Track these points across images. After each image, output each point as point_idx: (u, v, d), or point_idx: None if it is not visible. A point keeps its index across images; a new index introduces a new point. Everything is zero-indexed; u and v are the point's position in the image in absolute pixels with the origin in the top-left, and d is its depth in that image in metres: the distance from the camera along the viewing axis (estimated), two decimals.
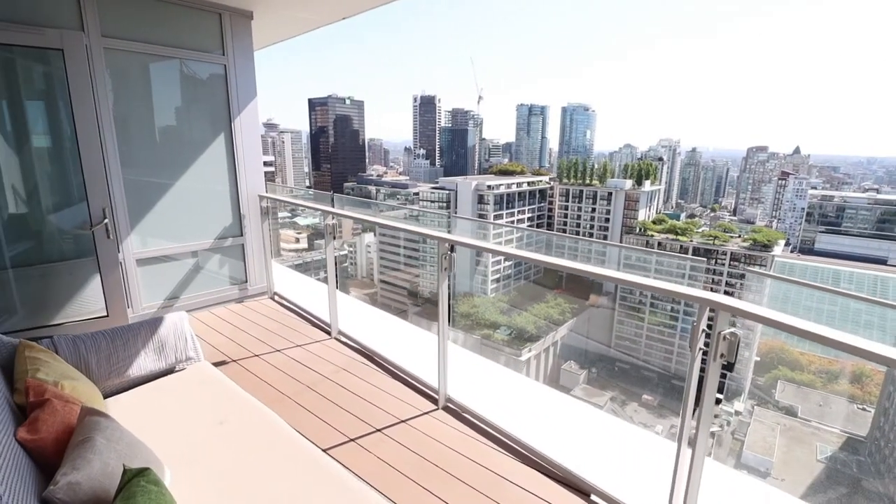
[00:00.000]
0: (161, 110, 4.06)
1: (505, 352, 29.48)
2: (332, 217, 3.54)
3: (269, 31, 5.06)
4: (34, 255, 3.60)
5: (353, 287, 46.55)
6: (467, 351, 3.61)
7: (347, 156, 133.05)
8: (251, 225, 4.66)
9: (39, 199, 3.62)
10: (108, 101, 3.68)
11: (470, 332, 31.17)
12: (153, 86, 3.99)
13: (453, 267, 2.47)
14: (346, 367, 3.24)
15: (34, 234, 3.61)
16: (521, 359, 28.77)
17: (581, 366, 30.20)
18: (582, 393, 27.41)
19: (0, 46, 3.22)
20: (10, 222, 3.48)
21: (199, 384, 2.32)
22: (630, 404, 28.27)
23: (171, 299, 4.29)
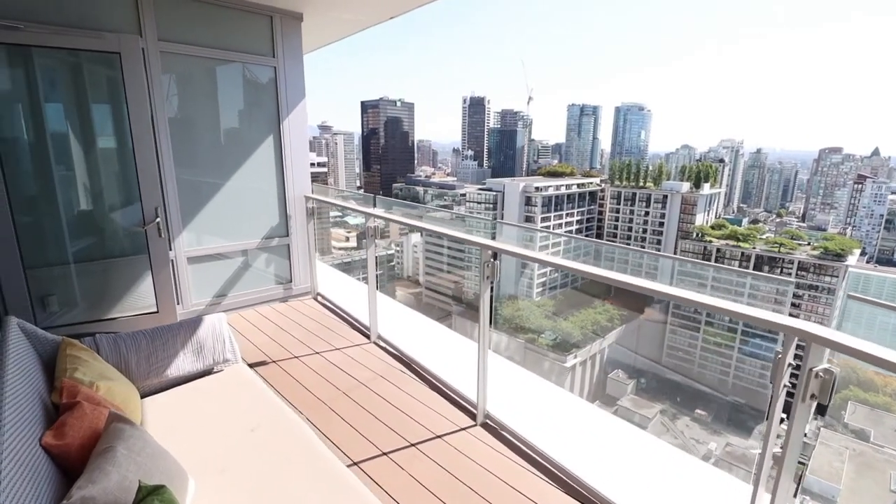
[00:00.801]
0: (213, 112, 4.14)
1: (549, 357, 28.82)
2: (373, 220, 3.47)
3: (319, 33, 5.09)
4: (95, 251, 3.75)
5: (399, 286, 47.10)
6: (509, 362, 3.44)
7: (397, 157, 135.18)
8: (297, 225, 4.69)
9: (100, 197, 3.77)
10: (164, 103, 3.79)
11: (514, 335, 30.71)
12: (206, 88, 4.07)
13: (497, 275, 2.32)
14: (384, 373, 3.16)
15: (95, 230, 3.76)
16: (566, 364, 28.03)
17: (629, 375, 29.06)
18: (630, 403, 26.35)
19: (68, 51, 3.38)
20: (73, 219, 3.63)
21: (234, 387, 2.29)
22: (682, 418, 26.92)
23: (219, 297, 4.38)
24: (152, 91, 3.69)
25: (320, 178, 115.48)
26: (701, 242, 45.59)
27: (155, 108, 3.73)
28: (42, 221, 3.50)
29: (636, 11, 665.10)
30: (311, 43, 5.62)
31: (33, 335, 1.98)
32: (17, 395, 1.46)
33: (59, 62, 3.49)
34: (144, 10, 3.59)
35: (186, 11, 3.80)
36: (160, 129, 3.79)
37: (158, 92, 3.73)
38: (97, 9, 3.44)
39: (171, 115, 3.86)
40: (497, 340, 27.56)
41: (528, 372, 3.30)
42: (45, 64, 3.42)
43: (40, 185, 3.50)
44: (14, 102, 3.36)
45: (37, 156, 3.44)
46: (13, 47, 3.21)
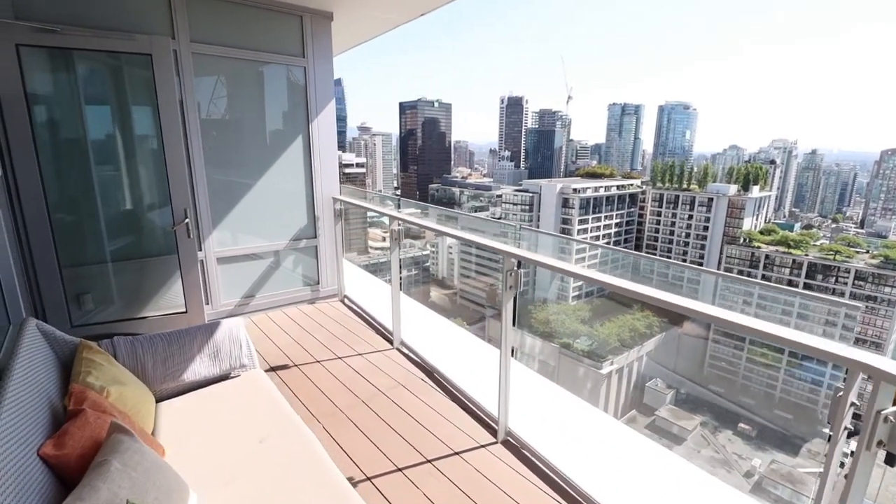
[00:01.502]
0: (243, 113, 4.16)
1: (584, 363, 28.16)
2: (396, 223, 3.38)
3: (349, 33, 5.06)
4: (128, 251, 3.83)
5: (434, 287, 47.25)
6: (535, 374, 3.28)
7: (434, 157, 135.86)
8: (325, 227, 4.67)
9: (134, 197, 3.84)
10: (195, 104, 3.83)
11: (548, 339, 30.17)
12: (236, 89, 4.10)
13: (520, 285, 2.17)
14: (405, 382, 3.06)
15: (129, 230, 3.83)
16: (601, 371, 27.33)
17: (668, 385, 28.01)
18: (668, 414, 25.41)
19: (107, 54, 3.45)
20: (108, 219, 3.71)
21: (249, 394, 2.25)
22: (723, 432, 25.74)
23: (247, 298, 4.40)
24: (184, 92, 3.74)
25: (359, 178, 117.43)
26: (748, 248, 43.54)
27: (187, 109, 3.78)
28: (77, 221, 3.59)
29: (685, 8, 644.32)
30: (342, 43, 5.62)
31: (52, 337, 1.99)
32: (20, 401, 1.44)
33: (99, 64, 3.57)
34: (177, 12, 3.63)
35: (218, 13, 3.83)
36: (191, 129, 3.83)
37: (190, 93, 3.77)
38: (132, 12, 3.51)
39: (202, 117, 3.90)
40: (531, 344, 27.18)
41: (555, 385, 3.13)
42: (85, 66, 3.51)
43: (77, 185, 3.60)
44: (55, 104, 3.46)
45: (75, 156, 3.54)
46: (54, 50, 3.31)
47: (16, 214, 3.28)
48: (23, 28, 3.05)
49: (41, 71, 3.29)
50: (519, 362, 3.21)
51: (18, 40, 3.05)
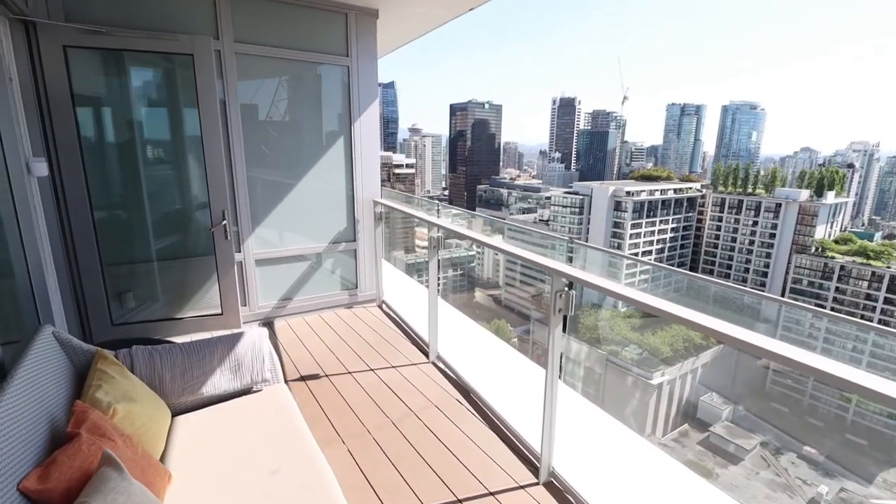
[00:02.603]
0: (285, 113, 4.08)
1: (633, 372, 26.98)
2: (436, 229, 3.17)
3: (395, 31, 4.90)
4: (170, 251, 3.83)
5: (479, 287, 46.93)
6: (583, 400, 2.95)
7: (482, 159, 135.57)
8: (364, 230, 4.53)
9: (176, 198, 3.84)
10: (237, 105, 3.77)
11: (595, 346, 29.15)
12: (279, 89, 4.02)
13: (571, 308, 1.89)
14: (439, 402, 2.83)
15: (171, 231, 3.83)
16: (651, 382, 26.09)
17: (725, 400, 26.31)
18: (724, 431, 23.85)
19: (160, 55, 3.44)
20: (150, 219, 3.72)
21: (268, 413, 2.09)
22: (786, 454, 23.88)
23: (285, 300, 4.33)
24: (227, 92, 3.69)
25: (408, 179, 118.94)
26: (821, 258, 40.33)
27: (229, 109, 3.73)
28: (119, 220, 3.61)
29: (751, 5, 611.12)
30: (388, 43, 5.48)
31: (69, 345, 1.90)
32: (12, 421, 1.32)
33: (145, 65, 3.58)
34: (222, 12, 3.59)
35: (262, 12, 3.76)
36: (233, 130, 3.77)
37: (233, 93, 3.72)
38: (178, 12, 3.48)
39: (244, 117, 3.84)
40: (577, 349, 26.29)
41: (607, 415, 2.80)
42: (131, 67, 3.52)
43: (119, 185, 3.62)
44: (99, 105, 3.49)
45: (117, 156, 3.56)
46: (100, 51, 3.33)
47: (61, 214, 3.32)
48: (70, 30, 3.07)
49: (87, 72, 3.32)
50: (565, 384, 2.91)
51: (66, 42, 3.07)
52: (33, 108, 3.11)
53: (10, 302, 2.29)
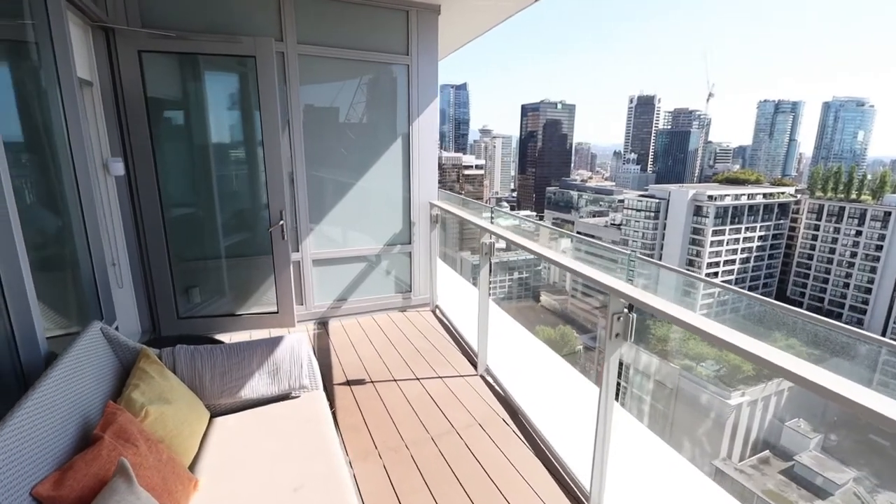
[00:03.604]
0: (345, 114, 4.08)
1: (709, 390, 25.05)
2: (489, 236, 2.99)
3: (459, 28, 4.77)
4: (236, 248, 3.94)
5: (544, 291, 45.88)
6: (644, 429, 2.65)
7: (553, 160, 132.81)
8: (420, 233, 4.45)
9: (240, 197, 3.95)
10: (300, 106, 3.81)
11: (667, 359, 27.43)
12: (339, 89, 4.02)
13: (631, 334, 1.65)
14: (483, 420, 2.65)
15: (237, 229, 3.94)
16: (729, 402, 24.09)
17: (815, 427, 23.67)
18: (811, 462, 21.44)
19: (226, 57, 3.54)
20: (219, 217, 3.85)
21: (302, 422, 2.02)
22: (884, 493, 21.07)
23: (340, 301, 4.34)
24: (289, 94, 3.74)
25: (477, 180, 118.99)
26: None
27: (291, 111, 3.77)
28: (187, 218, 3.77)
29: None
30: (451, 42, 5.37)
31: (116, 342, 1.94)
32: (38, 420, 1.32)
33: (219, 68, 3.69)
34: (286, 14, 3.63)
35: (324, 12, 3.77)
36: (295, 131, 3.82)
37: (295, 94, 3.76)
38: (246, 16, 3.57)
39: (305, 118, 3.87)
40: (647, 362, 24.88)
41: (670, 449, 2.49)
42: (209, 71, 3.66)
43: (186, 184, 3.77)
44: (177, 107, 3.66)
45: (185, 156, 3.71)
46: (183, 56, 3.48)
47: (135, 211, 3.50)
48: (143, 35, 3.22)
49: (163, 75, 3.47)
50: (627, 410, 2.62)
51: (140, 46, 3.22)
52: (112, 111, 3.31)
53: (74, 295, 2.40)
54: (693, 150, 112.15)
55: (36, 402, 1.35)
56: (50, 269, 2.30)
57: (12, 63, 2.17)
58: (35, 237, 2.18)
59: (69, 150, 2.29)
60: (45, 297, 2.16)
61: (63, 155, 2.28)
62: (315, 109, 3.94)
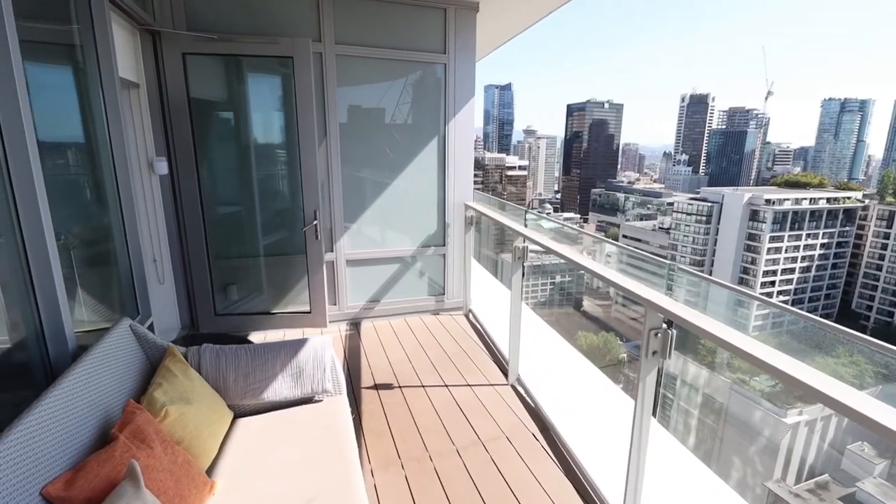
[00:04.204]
0: (381, 114, 4.06)
1: (762, 406, 23.62)
2: (522, 239, 2.86)
3: (499, 23, 4.66)
4: (273, 248, 3.99)
5: (587, 296, 44.78)
6: (684, 450, 2.45)
7: (599, 161, 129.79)
8: (455, 235, 4.37)
9: (277, 197, 3.99)
10: (336, 107, 3.82)
11: (716, 371, 26.09)
12: (376, 89, 4.00)
13: (669, 352, 1.50)
14: (511, 433, 2.54)
15: (274, 228, 3.98)
16: (785, 420, 22.62)
17: (880, 453, 21.84)
18: (875, 489, 19.76)
19: (274, 60, 3.57)
20: (257, 216, 3.91)
21: (322, 428, 1.98)
22: None
23: (372, 302, 4.32)
24: (327, 94, 3.75)
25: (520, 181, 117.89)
26: None
27: (328, 111, 3.78)
28: (227, 217, 3.84)
29: None
30: (490, 40, 5.27)
31: (144, 340, 1.97)
32: (55, 418, 1.32)
33: (262, 69, 3.74)
34: (324, 14, 3.64)
35: (362, 12, 3.75)
36: (331, 132, 3.83)
37: (332, 95, 3.77)
38: (287, 17, 3.60)
39: (342, 118, 3.88)
40: (695, 374, 23.77)
41: (715, 477, 2.29)
42: (252, 72, 3.72)
43: (225, 183, 3.85)
44: (219, 108, 3.74)
45: (225, 156, 3.79)
46: (229, 58, 3.55)
47: (178, 209, 3.60)
48: (187, 37, 3.30)
49: (209, 77, 3.55)
50: (663, 428, 2.43)
51: (184, 49, 3.30)
52: (157, 112, 3.41)
53: (115, 289, 2.47)
54: (750, 152, 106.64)
55: (55, 399, 1.36)
56: (92, 264, 2.37)
57: (58, 65, 2.25)
58: (79, 233, 2.26)
59: (110, 149, 2.35)
60: (90, 290, 2.25)
61: (104, 153, 2.35)
62: (352, 109, 3.94)
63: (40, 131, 1.84)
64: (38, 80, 2.05)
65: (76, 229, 2.26)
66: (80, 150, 2.31)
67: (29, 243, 1.55)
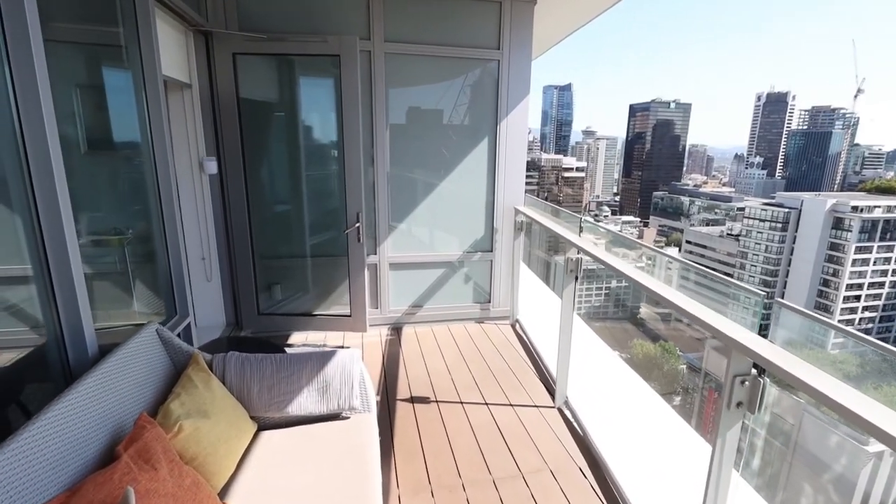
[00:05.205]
0: (430, 114, 3.90)
1: (839, 431, 21.45)
2: (575, 251, 2.60)
3: (559, 17, 4.37)
4: (317, 249, 3.94)
5: (644, 304, 42.82)
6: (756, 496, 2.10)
7: (662, 163, 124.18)
8: (503, 240, 4.14)
9: (321, 198, 3.92)
10: (385, 106, 3.70)
11: (787, 390, 23.92)
12: (425, 88, 3.86)
13: (759, 406, 1.21)
14: (556, 466, 2.29)
15: (320, 229, 3.92)
16: (866, 448, 20.41)
17: None
18: None
19: (325, 59, 3.50)
20: (302, 217, 3.88)
21: (345, 451, 1.84)
22: None
23: (415, 307, 4.17)
24: (374, 94, 3.64)
25: (577, 183, 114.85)
26: None
27: (375, 110, 3.68)
28: (272, 217, 3.82)
29: None
30: (546, 38, 4.99)
31: (170, 345, 1.90)
32: (57, 432, 1.25)
33: (312, 69, 3.69)
34: (374, 11, 3.53)
35: (413, 8, 3.61)
36: (378, 132, 3.72)
37: (381, 94, 3.66)
38: (336, 16, 3.53)
39: (390, 118, 3.76)
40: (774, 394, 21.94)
41: None
42: (302, 71, 3.67)
43: (271, 184, 3.82)
44: (270, 109, 3.72)
45: (271, 156, 3.76)
46: (277, 58, 3.52)
47: (226, 209, 3.62)
48: (237, 37, 3.29)
49: (254, 76, 3.54)
50: (745, 482, 2.09)
51: (234, 49, 3.29)
52: (209, 112, 3.43)
53: (153, 289, 2.46)
54: (834, 154, 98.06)
55: (58, 413, 1.28)
56: (137, 262, 2.38)
57: (104, 65, 2.25)
58: (125, 230, 2.26)
59: (151, 149, 2.33)
60: (144, 286, 2.25)
61: (146, 153, 2.33)
62: (399, 108, 3.81)
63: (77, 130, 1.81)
64: (82, 80, 2.05)
65: (123, 226, 2.26)
66: (122, 149, 2.31)
67: (49, 242, 1.50)
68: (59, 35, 1.94)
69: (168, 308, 2.51)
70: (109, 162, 2.29)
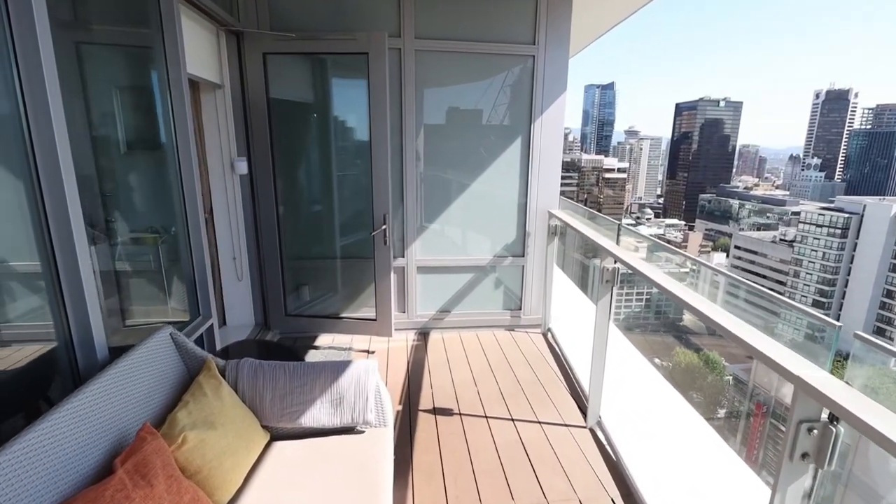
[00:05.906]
0: (461, 113, 3.78)
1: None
2: (612, 260, 2.41)
3: (602, 7, 4.15)
4: (347, 251, 3.89)
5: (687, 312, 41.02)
6: None
7: (710, 164, 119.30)
8: (535, 245, 3.96)
9: (350, 199, 3.86)
10: (414, 105, 3.60)
11: None
12: (456, 86, 3.73)
13: (830, 460, 1.02)
14: (586, 496, 2.11)
15: (349, 231, 3.87)
16: None
17: None
18: None
19: (357, 58, 3.43)
20: (331, 219, 3.83)
21: (357, 468, 1.73)
22: None
23: (443, 312, 4.06)
24: (404, 92, 3.55)
25: (618, 184, 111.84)
26: None
27: (405, 110, 3.59)
28: (301, 217, 3.79)
29: None
30: (586, 32, 4.76)
31: (184, 349, 1.86)
32: (53, 442, 1.19)
33: (345, 68, 3.64)
34: (405, 8, 3.44)
35: (445, 5, 3.50)
36: (408, 132, 3.63)
37: (411, 93, 3.56)
38: (366, 14, 3.46)
39: (420, 118, 3.66)
40: None
41: None
42: (334, 71, 3.62)
43: (299, 185, 3.79)
44: (300, 109, 3.68)
45: (300, 158, 3.73)
46: (308, 57, 3.49)
47: (255, 209, 3.61)
48: (267, 37, 3.26)
49: (285, 76, 3.51)
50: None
51: (265, 49, 3.27)
52: (240, 112, 3.43)
53: (178, 291, 2.44)
54: None
55: (60, 419, 1.24)
56: (171, 261, 2.38)
57: (129, 64, 2.24)
58: (160, 230, 2.27)
59: (175, 150, 2.31)
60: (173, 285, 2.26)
61: (171, 154, 2.32)
62: (429, 107, 3.70)
63: (99, 129, 1.79)
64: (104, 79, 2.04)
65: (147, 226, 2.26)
66: (155, 149, 2.31)
67: (57, 242, 1.47)
68: (96, 38, 1.95)
69: (191, 309, 2.49)
70: (144, 162, 2.30)
